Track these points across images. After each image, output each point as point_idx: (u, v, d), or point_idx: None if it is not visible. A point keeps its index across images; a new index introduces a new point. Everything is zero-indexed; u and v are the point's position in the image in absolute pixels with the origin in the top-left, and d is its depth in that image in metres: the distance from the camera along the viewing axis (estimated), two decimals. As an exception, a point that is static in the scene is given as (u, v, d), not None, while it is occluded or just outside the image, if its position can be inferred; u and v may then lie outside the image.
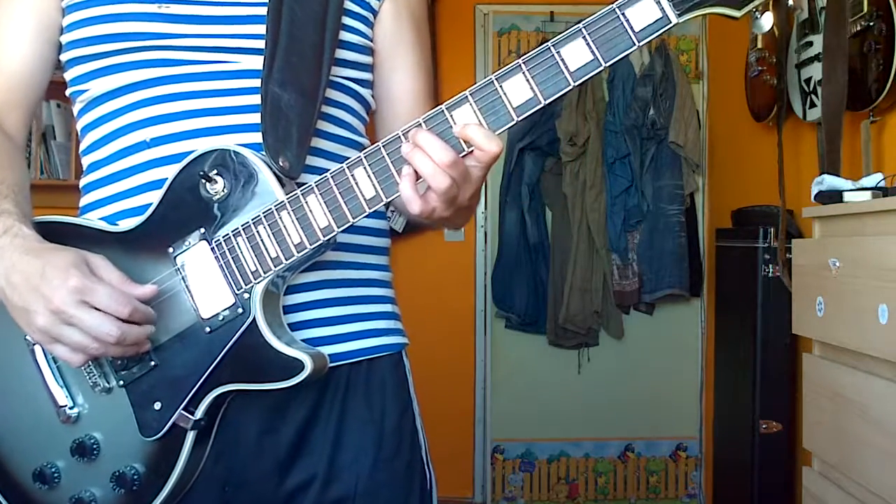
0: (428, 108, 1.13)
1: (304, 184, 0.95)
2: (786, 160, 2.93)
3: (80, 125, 1.10)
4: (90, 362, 0.99)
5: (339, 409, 1.06)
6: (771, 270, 2.87)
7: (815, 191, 2.20)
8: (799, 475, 2.25)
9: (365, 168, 0.91)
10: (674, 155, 3.76)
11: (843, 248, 1.91)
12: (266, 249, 0.95)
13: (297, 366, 0.94)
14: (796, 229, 2.85)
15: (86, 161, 1.09)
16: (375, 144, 0.92)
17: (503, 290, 3.90)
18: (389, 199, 0.92)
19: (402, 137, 0.90)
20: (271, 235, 0.94)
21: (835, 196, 2.10)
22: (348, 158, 1.06)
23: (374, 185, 0.91)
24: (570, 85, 0.87)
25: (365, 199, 0.92)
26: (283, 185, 0.96)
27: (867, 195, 2.01)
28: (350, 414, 1.07)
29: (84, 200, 1.09)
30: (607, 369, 3.94)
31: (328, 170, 0.95)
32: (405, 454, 1.11)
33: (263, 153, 0.96)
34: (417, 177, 0.89)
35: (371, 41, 1.13)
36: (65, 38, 1.06)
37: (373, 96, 1.17)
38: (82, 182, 1.10)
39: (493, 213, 3.92)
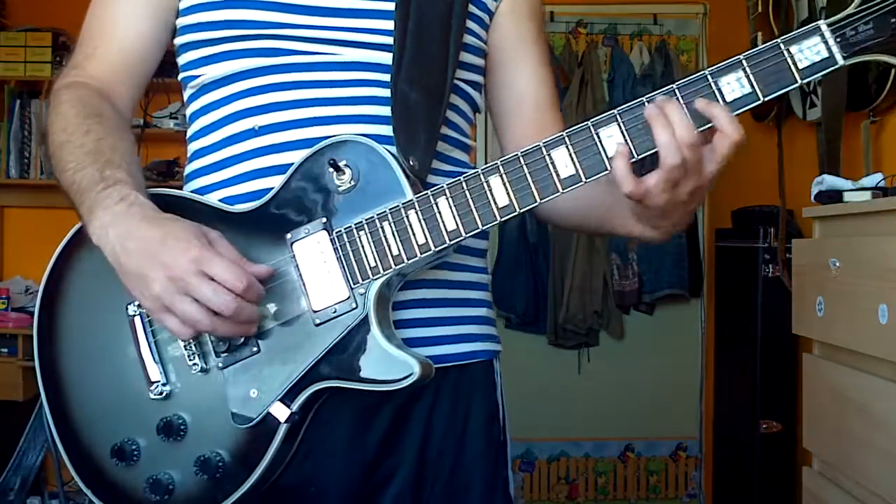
0: (554, 108, 1.14)
1: (434, 184, 0.94)
2: (786, 160, 2.93)
3: (189, 111, 1.10)
4: (191, 340, 0.97)
5: (426, 412, 1.04)
6: (771, 270, 2.87)
7: (815, 191, 2.20)
8: (799, 475, 2.25)
9: (501, 176, 0.91)
10: (674, 155, 3.76)
11: (843, 248, 1.91)
12: (388, 247, 0.93)
13: (404, 370, 0.92)
14: (796, 229, 2.85)
15: (192, 147, 1.09)
16: (514, 153, 0.91)
17: (503, 290, 3.90)
18: (522, 211, 0.91)
19: (543, 148, 0.89)
20: (396, 233, 0.93)
21: (835, 196, 2.10)
22: (454, 160, 1.07)
23: (508, 194, 0.91)
24: None
25: (497, 208, 0.91)
26: (411, 184, 0.94)
27: (867, 195, 2.01)
28: (436, 418, 1.05)
29: (189, 187, 1.08)
30: (607, 369, 3.94)
31: (440, 170, 0.95)
32: (488, 460, 1.09)
33: (395, 150, 0.95)
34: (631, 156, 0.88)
35: (485, 43, 1.10)
36: (180, 22, 1.06)
37: (482, 98, 1.15)
38: (187, 170, 1.10)
39: (493, 213, 3.92)
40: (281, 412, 0.94)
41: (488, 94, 1.15)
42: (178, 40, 1.07)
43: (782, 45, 0.85)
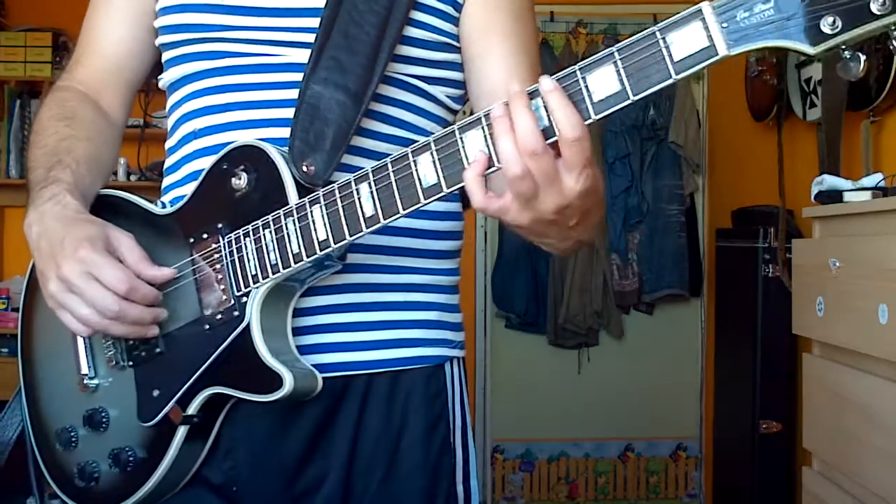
0: None
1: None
2: (786, 160, 2.93)
3: (166, 110, 1.13)
4: (110, 338, 1.01)
5: (354, 418, 1.02)
6: (771, 270, 2.87)
7: (815, 191, 2.20)
8: (799, 475, 2.25)
9: (370, 184, 0.86)
10: (674, 155, 3.76)
11: (843, 248, 1.92)
12: (268, 255, 0.93)
13: (277, 381, 0.91)
14: (796, 229, 2.85)
15: (165, 146, 1.12)
16: (384, 160, 0.86)
17: (503, 290, 3.90)
18: (387, 222, 0.86)
19: (410, 154, 0.84)
20: (275, 241, 0.92)
21: (835, 196, 2.10)
22: None
23: (374, 203, 0.86)
24: (590, 118, 0.76)
25: (364, 217, 0.87)
26: (308, 190, 0.92)
27: (867, 195, 2.01)
28: (366, 425, 1.03)
29: (162, 185, 1.12)
30: (607, 369, 3.94)
31: None
32: (426, 472, 1.06)
33: (288, 154, 0.95)
34: (490, 165, 0.79)
35: (452, 36, 1.05)
36: (155, 24, 1.08)
37: (463, 95, 1.11)
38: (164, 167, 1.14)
39: (493, 213, 3.92)
40: (177, 414, 0.97)
41: (467, 87, 1.11)
42: (156, 42, 1.10)
43: (658, 34, 0.72)
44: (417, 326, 1.07)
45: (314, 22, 0.99)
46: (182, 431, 0.97)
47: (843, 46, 0.68)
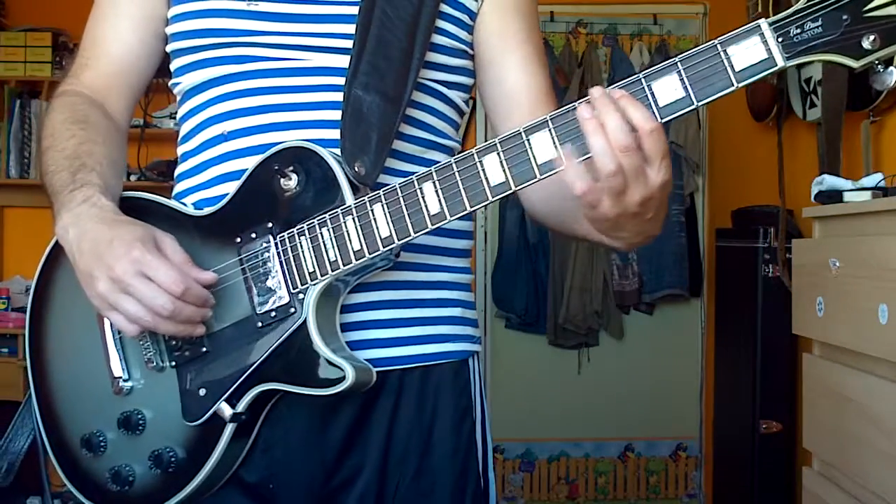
0: (548, 105, 1.11)
1: (384, 185, 0.94)
2: (786, 160, 2.93)
3: (177, 116, 1.14)
4: (148, 339, 1.01)
5: (389, 413, 1.05)
6: (771, 270, 2.87)
7: (815, 191, 2.20)
8: (799, 475, 2.25)
9: (434, 183, 0.90)
10: (674, 155, 3.76)
11: (843, 248, 1.92)
12: (326, 252, 0.95)
13: (339, 375, 0.94)
14: (796, 229, 2.85)
15: (179, 151, 1.13)
16: (448, 160, 0.90)
17: (503, 290, 3.90)
18: (453, 218, 0.90)
19: (475, 155, 0.88)
20: (333, 239, 0.94)
21: (835, 196, 2.10)
22: (427, 161, 1.06)
23: (440, 201, 0.90)
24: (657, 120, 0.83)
25: (429, 215, 0.91)
26: (357, 189, 0.95)
27: (867, 195, 2.01)
28: (400, 419, 1.06)
29: (175, 189, 1.13)
30: (607, 369, 3.94)
31: (406, 172, 0.95)
32: (456, 463, 1.09)
33: (340, 155, 0.97)
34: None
35: (467, 43, 1.10)
36: (167, 30, 1.10)
37: (472, 98, 1.15)
38: (176, 172, 1.14)
39: (493, 213, 3.92)
40: (226, 411, 0.97)
41: (481, 92, 1.15)
42: (167, 48, 1.11)
43: (719, 46, 0.80)
44: (445, 323, 1.11)
45: (344, 28, 1.02)
46: (230, 429, 0.98)
47: (877, 61, 0.77)
